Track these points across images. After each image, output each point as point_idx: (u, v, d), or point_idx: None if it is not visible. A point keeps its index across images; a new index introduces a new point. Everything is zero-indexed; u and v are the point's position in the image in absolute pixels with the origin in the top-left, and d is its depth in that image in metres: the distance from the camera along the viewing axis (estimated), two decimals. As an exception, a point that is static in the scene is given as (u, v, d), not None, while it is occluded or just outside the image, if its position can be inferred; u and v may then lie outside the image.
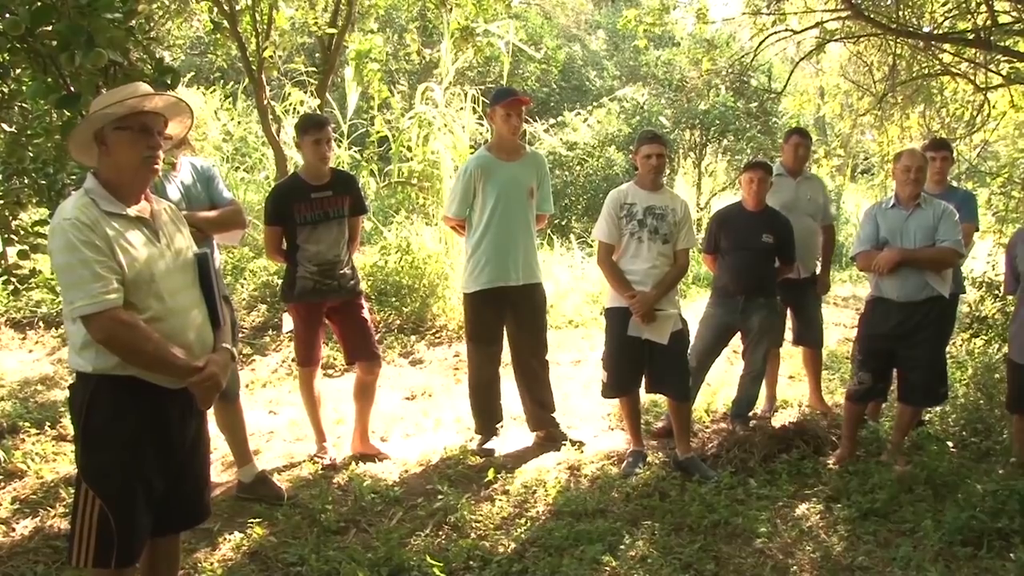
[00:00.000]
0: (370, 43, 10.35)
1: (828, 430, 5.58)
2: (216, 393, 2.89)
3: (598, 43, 21.63)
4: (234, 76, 13.94)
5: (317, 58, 10.83)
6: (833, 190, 15.80)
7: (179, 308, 2.82)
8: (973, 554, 4.04)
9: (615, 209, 5.00)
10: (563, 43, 20.07)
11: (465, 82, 13.29)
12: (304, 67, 10.74)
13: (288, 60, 11.52)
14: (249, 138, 12.78)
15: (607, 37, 21.08)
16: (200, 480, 3.11)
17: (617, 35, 18.75)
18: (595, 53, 20.89)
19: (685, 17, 10.21)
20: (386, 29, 15.83)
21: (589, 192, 13.50)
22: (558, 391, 5.87)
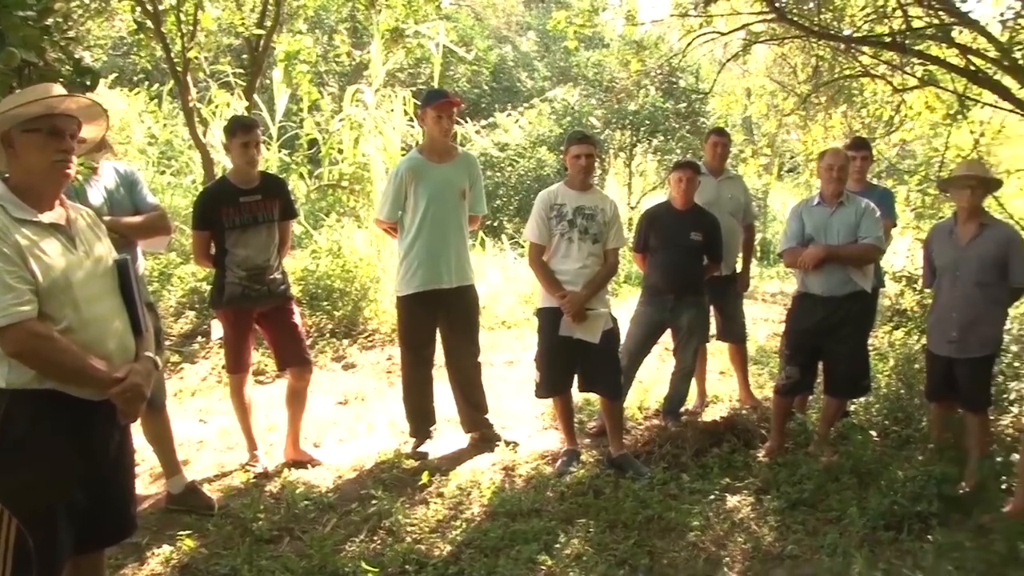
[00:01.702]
0: (299, 44, 10.24)
1: (758, 423, 5.72)
2: (140, 403, 2.80)
3: (529, 44, 21.72)
4: (159, 77, 13.64)
5: (245, 59, 10.67)
6: (760, 188, 16.11)
7: (98, 317, 2.72)
8: (895, 538, 4.19)
9: (545, 210, 5.04)
10: (494, 44, 20.11)
11: (396, 84, 13.24)
12: (231, 69, 10.58)
13: (214, 61, 11.34)
14: (175, 141, 12.54)
15: (538, 38, 21.19)
16: (125, 493, 2.99)
17: (548, 36, 18.86)
18: (526, 54, 20.97)
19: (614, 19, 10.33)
20: (315, 30, 15.65)
21: (521, 193, 13.56)
22: (491, 392, 5.88)
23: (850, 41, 7.70)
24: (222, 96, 10.20)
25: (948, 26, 6.78)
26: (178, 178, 11.83)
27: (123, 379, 2.70)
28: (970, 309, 4.72)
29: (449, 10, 16.94)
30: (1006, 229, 4.95)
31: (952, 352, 4.80)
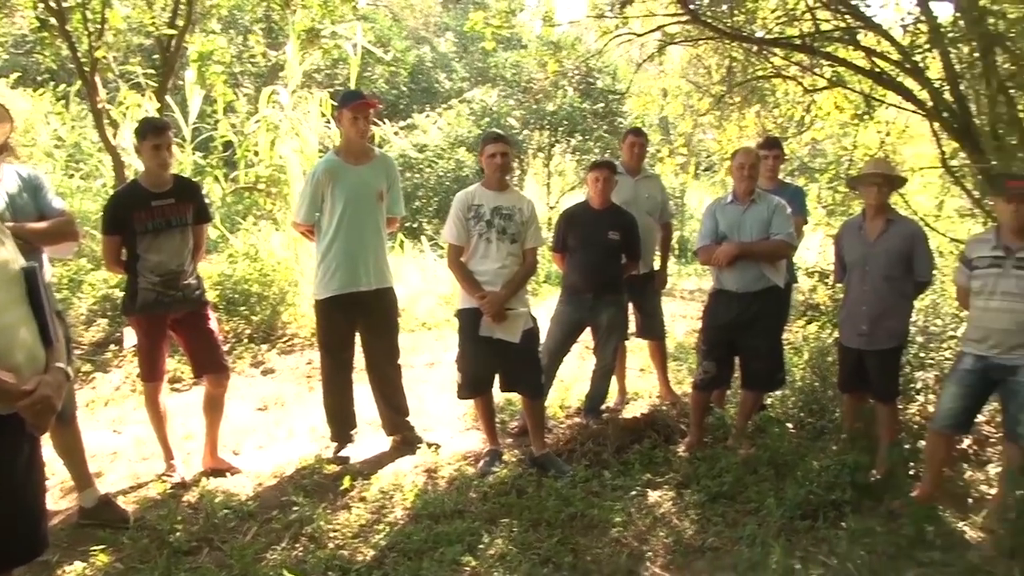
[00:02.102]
0: (213, 44, 10.02)
1: (677, 419, 5.80)
2: (50, 416, 2.68)
3: (447, 45, 21.66)
4: (65, 77, 13.21)
5: (156, 60, 10.40)
6: (677, 187, 16.35)
7: (5, 327, 2.61)
8: (811, 526, 4.32)
9: (462, 211, 5.03)
10: (412, 45, 20.03)
11: (312, 85, 13.08)
12: (142, 69, 10.30)
13: (124, 61, 11.03)
14: (84, 144, 12.17)
15: (456, 39, 21.15)
16: (35, 509, 2.86)
17: (466, 37, 18.85)
18: (444, 55, 20.92)
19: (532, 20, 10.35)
20: (229, 30, 15.37)
21: (440, 194, 13.53)
22: (412, 394, 5.86)
23: (762, 43, 7.85)
24: (132, 97, 9.91)
25: (854, 29, 6.97)
26: (87, 182, 11.47)
27: (32, 391, 2.59)
28: (879, 303, 4.86)
29: (366, 10, 16.79)
30: (911, 225, 5.12)
31: (862, 344, 4.94)
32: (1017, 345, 4.21)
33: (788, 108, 9.75)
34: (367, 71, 16.58)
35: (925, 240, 5.03)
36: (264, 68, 15.72)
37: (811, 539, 4.22)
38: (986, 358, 4.31)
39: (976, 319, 4.41)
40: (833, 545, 4.12)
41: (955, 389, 4.45)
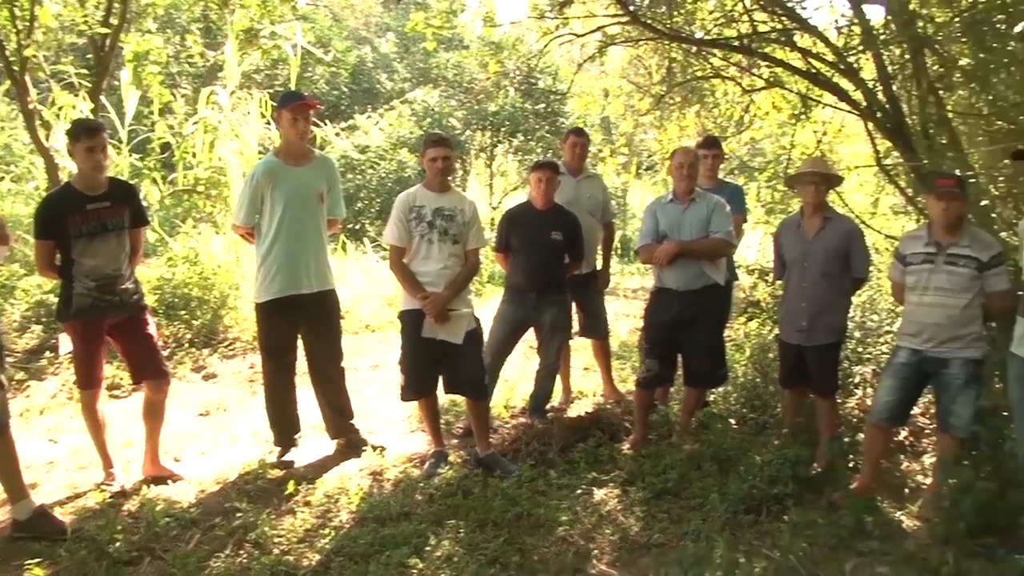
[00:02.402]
0: (149, 44, 9.83)
1: (622, 417, 5.85)
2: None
3: (388, 45, 21.53)
4: (-7, 77, 12.88)
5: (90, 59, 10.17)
6: (619, 187, 16.47)
7: None
8: (755, 520, 4.39)
9: (404, 212, 5.01)
10: (353, 45, 19.88)
11: (252, 85, 12.92)
12: (75, 69, 10.06)
13: (56, 61, 10.77)
14: (15, 146, 11.89)
15: (397, 39, 21.02)
16: None
17: (407, 38, 18.74)
18: (385, 55, 20.79)
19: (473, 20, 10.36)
20: (166, 29, 15.09)
21: (382, 196, 13.46)
22: (357, 397, 5.83)
23: (701, 44, 7.94)
24: (66, 98, 9.69)
25: (790, 31, 7.08)
26: (19, 184, 11.22)
27: None
28: (818, 299, 4.95)
29: (306, 10, 16.63)
30: (847, 223, 5.21)
31: (802, 340, 5.02)
32: (949, 339, 4.32)
33: (727, 108, 9.88)
34: (307, 72, 16.42)
35: (861, 237, 5.14)
36: (202, 69, 15.49)
37: (755, 533, 4.29)
38: (920, 352, 4.42)
39: (910, 314, 4.51)
40: (776, 538, 4.19)
41: (891, 382, 4.56)
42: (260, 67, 14.95)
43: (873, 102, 6.32)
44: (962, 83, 6.51)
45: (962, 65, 6.35)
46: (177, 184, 10.37)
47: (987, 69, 5.88)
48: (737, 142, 10.56)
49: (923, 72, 6.11)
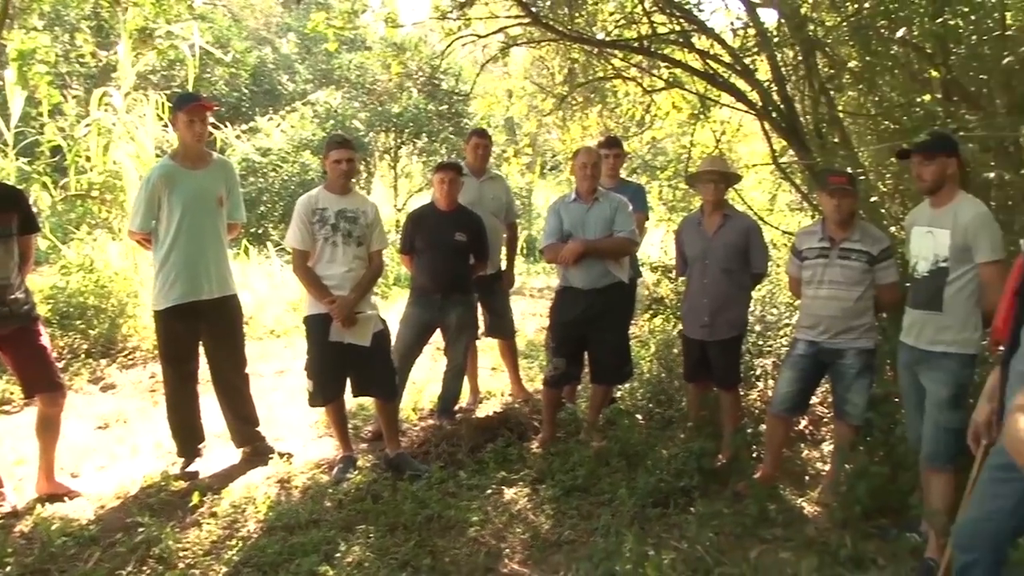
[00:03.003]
0: (35, 42, 9.46)
1: (530, 416, 5.88)
2: None
3: (289, 46, 21.22)
4: None
5: (-31, 59, 9.76)
6: (524, 187, 16.56)
7: None
8: (663, 513, 4.47)
9: (306, 215, 4.94)
10: (253, 46, 19.54)
11: (148, 87, 12.57)
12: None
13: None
14: None
15: (298, 40, 20.73)
16: None
17: (308, 38, 18.51)
18: (287, 56, 20.49)
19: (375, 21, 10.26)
20: (54, 27, 14.55)
21: (285, 199, 13.24)
22: (262, 403, 5.73)
23: (602, 45, 8.03)
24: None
25: (688, 33, 7.22)
26: None
27: None
28: (719, 295, 5.06)
29: (203, 10, 16.29)
30: (746, 220, 5.34)
31: (705, 335, 5.13)
32: (844, 330, 4.46)
33: (629, 108, 10.02)
34: (206, 72, 16.07)
35: (760, 234, 5.27)
36: (94, 69, 14.99)
37: (663, 525, 4.36)
38: (817, 343, 4.55)
39: (807, 307, 4.64)
40: (683, 529, 4.27)
41: (790, 374, 4.69)
42: (156, 68, 14.59)
43: (768, 102, 6.49)
44: (851, 84, 6.74)
45: (851, 67, 6.58)
46: (70, 189, 10.01)
47: (874, 71, 6.11)
48: (639, 141, 10.72)
49: (815, 73, 6.31)
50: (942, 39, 5.39)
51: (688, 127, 9.20)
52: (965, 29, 5.36)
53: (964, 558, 2.91)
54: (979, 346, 3.88)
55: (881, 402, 4.81)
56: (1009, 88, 5.23)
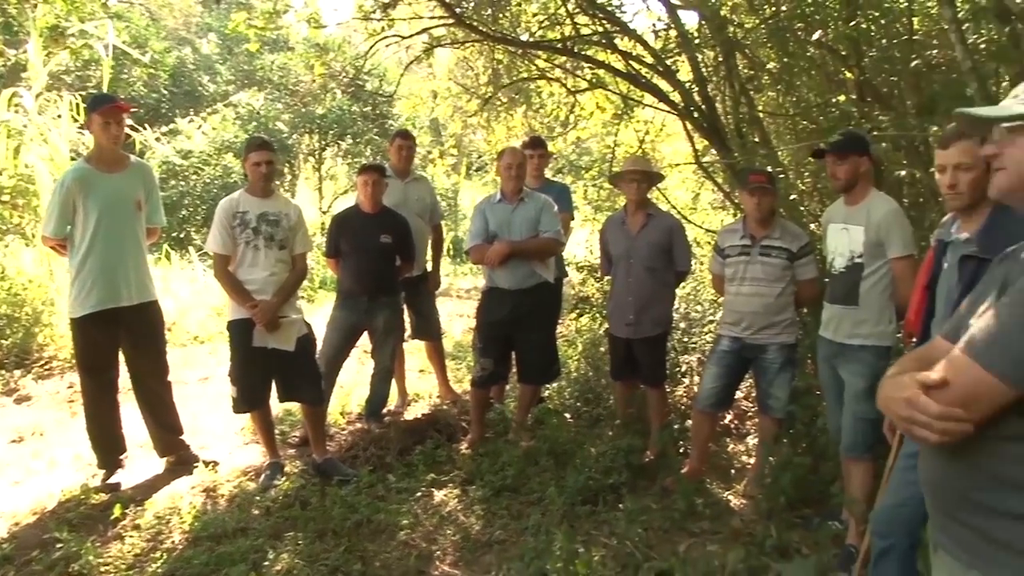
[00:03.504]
0: (-67, 40, 9.14)
1: (459, 417, 5.89)
2: None
3: (210, 47, 20.84)
4: None
5: None
6: (449, 188, 16.54)
7: None
8: (592, 510, 4.50)
9: (227, 219, 4.85)
10: (172, 46, 19.16)
11: (61, 87, 12.19)
12: None
13: None
14: None
15: (219, 40, 20.38)
16: None
17: (230, 39, 18.21)
18: (207, 57, 20.13)
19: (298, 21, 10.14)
20: (-47, 24, 14.05)
21: (207, 202, 13.04)
22: (186, 411, 5.61)
23: (525, 46, 8.08)
24: None
25: (611, 34, 7.30)
26: None
27: None
28: (643, 293, 5.11)
29: (119, 8, 15.90)
30: (669, 219, 5.42)
31: (630, 333, 5.18)
32: (766, 326, 4.56)
33: (553, 108, 10.09)
34: (123, 73, 15.70)
35: (683, 232, 5.35)
36: (2, 68, 14.52)
37: (592, 522, 4.39)
38: (740, 339, 4.64)
39: (730, 303, 4.73)
40: (613, 526, 4.31)
41: (715, 369, 4.76)
42: (69, 68, 14.18)
43: (690, 102, 6.60)
44: (770, 85, 6.90)
45: (769, 68, 6.74)
46: (-22, 194, 9.67)
47: (791, 72, 6.26)
48: (563, 142, 10.80)
49: (735, 74, 6.43)
50: (855, 42, 5.56)
51: (612, 127, 9.29)
52: (876, 33, 5.53)
53: (881, 543, 3.00)
54: (894, 338, 4.00)
55: (803, 395, 4.94)
56: (918, 89, 5.41)
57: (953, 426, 1.55)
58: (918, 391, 1.60)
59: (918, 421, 1.59)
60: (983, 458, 1.59)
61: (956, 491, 1.67)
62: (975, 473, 1.61)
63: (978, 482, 1.61)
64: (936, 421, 1.56)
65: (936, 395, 1.57)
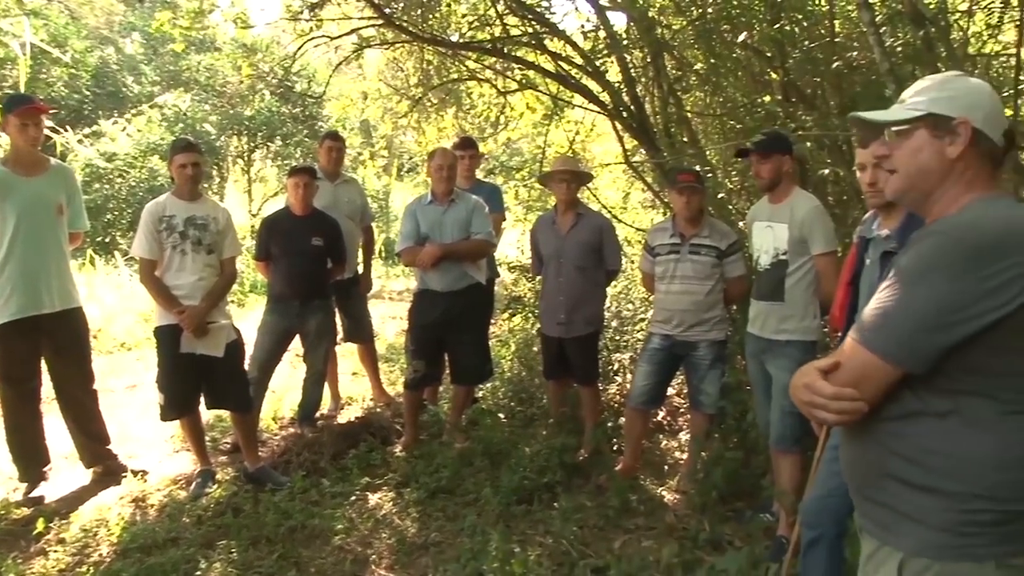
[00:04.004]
0: None
1: (392, 419, 5.86)
2: None
3: (134, 46, 20.35)
4: None
5: None
6: (381, 189, 16.45)
7: None
8: (527, 510, 4.52)
9: (153, 223, 4.76)
10: (94, 45, 18.66)
11: (-26, 87, 11.85)
12: None
13: None
14: None
15: (144, 40, 19.93)
16: None
17: (154, 38, 17.82)
18: (131, 57, 19.65)
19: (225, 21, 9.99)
20: None
21: (133, 206, 12.76)
22: (113, 420, 5.49)
23: (455, 47, 8.08)
24: None
25: (541, 35, 7.34)
26: None
27: None
28: (574, 292, 5.15)
29: (36, 6, 15.40)
30: (599, 218, 5.46)
31: (562, 333, 5.21)
32: (696, 323, 4.63)
33: (484, 109, 10.10)
34: (42, 73, 15.25)
35: (613, 231, 5.41)
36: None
37: (528, 522, 4.41)
38: (671, 336, 4.70)
39: (660, 301, 4.79)
40: (548, 525, 4.33)
41: (646, 367, 4.82)
42: (-18, 68, 13.75)
43: (619, 103, 6.67)
44: (698, 85, 7.01)
45: (697, 69, 6.84)
46: None
47: (718, 73, 6.37)
48: (495, 142, 10.82)
49: (663, 75, 6.52)
50: (780, 44, 5.68)
51: (542, 128, 9.34)
52: (800, 35, 5.66)
53: (810, 533, 3.08)
54: (819, 333, 4.09)
55: (733, 391, 5.03)
56: (840, 90, 5.55)
57: (847, 405, 1.68)
58: (816, 376, 1.71)
59: (816, 404, 1.70)
60: (884, 436, 1.71)
61: (865, 470, 1.78)
62: (879, 451, 1.73)
63: (882, 459, 1.72)
64: (831, 402, 1.68)
65: (831, 378, 1.69)
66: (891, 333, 1.64)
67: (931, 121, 1.74)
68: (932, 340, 1.60)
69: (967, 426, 1.63)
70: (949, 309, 1.59)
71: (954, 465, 1.63)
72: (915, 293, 1.62)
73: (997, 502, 1.62)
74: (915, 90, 1.82)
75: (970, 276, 1.58)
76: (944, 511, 1.64)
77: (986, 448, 1.62)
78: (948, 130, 1.73)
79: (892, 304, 1.65)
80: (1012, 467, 1.62)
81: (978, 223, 1.64)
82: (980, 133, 1.73)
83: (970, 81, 1.80)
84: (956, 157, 1.73)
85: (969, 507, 1.62)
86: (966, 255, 1.59)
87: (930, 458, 1.65)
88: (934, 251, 1.63)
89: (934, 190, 1.77)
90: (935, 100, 1.75)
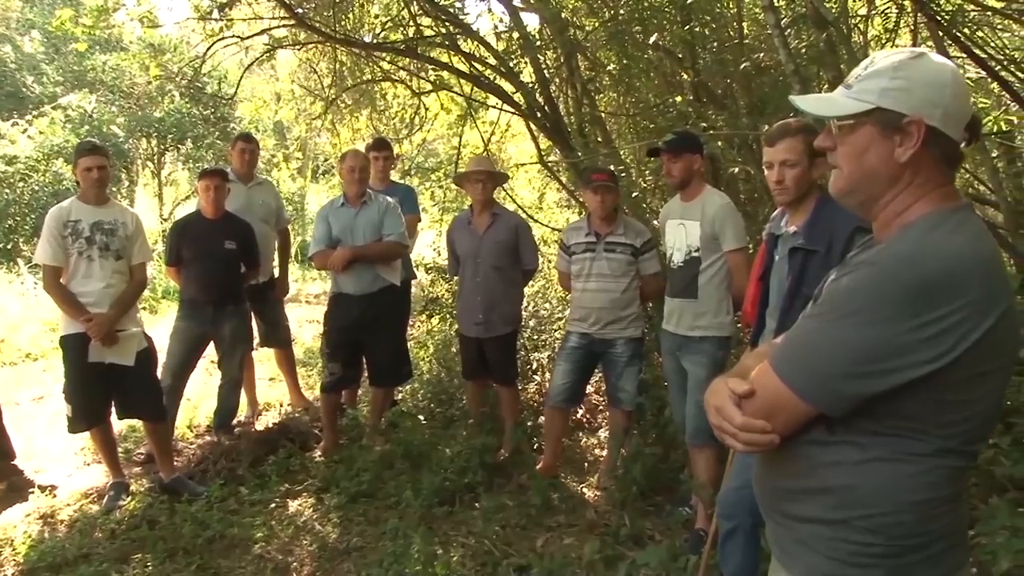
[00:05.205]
0: None
1: (311, 424, 5.81)
2: None
3: (34, 45, 19.68)
4: None
5: None
6: (295, 192, 16.23)
7: None
8: (449, 511, 4.53)
9: (58, 228, 4.61)
10: (-11, 43, 18.00)
11: None
12: None
13: None
14: None
15: (44, 38, 19.28)
16: None
17: (56, 37, 17.25)
18: (31, 56, 19.01)
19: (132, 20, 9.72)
20: None
21: (36, 211, 12.34)
22: (18, 434, 5.33)
23: (369, 47, 8.01)
24: None
25: (454, 36, 7.34)
26: None
27: None
28: (491, 292, 5.17)
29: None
30: (515, 218, 5.50)
31: (480, 333, 5.23)
32: (612, 320, 4.69)
33: (399, 110, 10.05)
34: (-67, 73, 14.67)
35: (529, 231, 5.45)
36: None
37: (450, 523, 4.42)
38: (588, 335, 4.75)
39: (577, 300, 4.83)
40: (470, 525, 4.36)
41: (565, 366, 4.86)
42: None
43: (533, 103, 6.71)
44: (610, 86, 7.10)
45: (610, 70, 6.93)
46: None
47: (631, 73, 6.46)
48: (410, 143, 10.78)
49: (576, 75, 6.59)
50: (690, 45, 5.79)
51: (457, 128, 9.33)
52: (710, 36, 5.78)
53: (727, 524, 3.14)
54: (733, 328, 4.19)
55: (651, 387, 5.11)
56: (749, 90, 5.69)
57: (757, 437, 1.54)
58: (727, 400, 1.58)
59: (725, 430, 1.58)
60: (796, 461, 1.59)
61: (772, 491, 1.69)
62: (783, 476, 1.63)
63: (792, 482, 1.61)
64: (740, 432, 1.55)
65: (744, 404, 1.56)
66: (806, 370, 1.49)
67: (880, 117, 1.51)
68: (851, 386, 1.44)
69: (887, 462, 1.49)
70: (872, 358, 1.41)
71: (858, 498, 1.51)
72: (837, 333, 1.45)
73: (890, 538, 1.50)
74: (865, 71, 1.56)
75: (902, 322, 1.39)
76: (839, 541, 1.54)
77: (901, 484, 1.48)
78: (898, 128, 1.50)
79: (812, 339, 1.51)
80: (919, 508, 1.49)
81: (918, 257, 1.42)
82: (936, 132, 1.49)
83: (929, 66, 1.52)
84: (906, 161, 1.51)
85: (862, 540, 1.51)
86: (900, 297, 1.39)
87: (840, 490, 1.53)
88: (865, 287, 1.44)
89: (880, 196, 1.56)
90: (885, 91, 1.51)
